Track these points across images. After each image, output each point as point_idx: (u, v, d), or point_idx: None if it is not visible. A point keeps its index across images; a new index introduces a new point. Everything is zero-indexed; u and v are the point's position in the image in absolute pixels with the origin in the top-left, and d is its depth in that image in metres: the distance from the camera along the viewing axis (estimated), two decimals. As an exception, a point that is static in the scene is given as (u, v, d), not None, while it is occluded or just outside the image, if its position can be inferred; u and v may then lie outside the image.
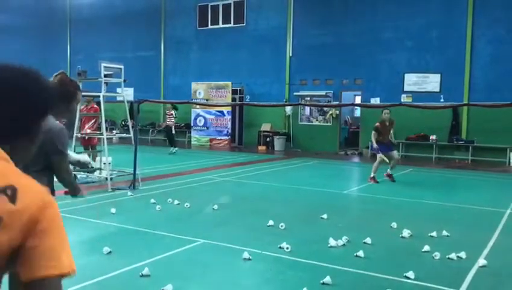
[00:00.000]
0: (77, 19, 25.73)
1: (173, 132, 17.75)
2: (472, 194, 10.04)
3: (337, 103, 18.23)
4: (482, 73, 16.29)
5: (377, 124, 11.00)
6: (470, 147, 16.22)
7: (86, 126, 10.89)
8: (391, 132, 11.21)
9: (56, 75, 3.27)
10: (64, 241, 1.26)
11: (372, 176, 11.08)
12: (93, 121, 11.11)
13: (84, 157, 3.94)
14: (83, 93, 10.04)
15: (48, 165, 3.16)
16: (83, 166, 3.87)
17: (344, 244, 5.73)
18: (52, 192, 3.21)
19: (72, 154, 3.80)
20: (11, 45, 28.12)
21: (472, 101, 15.46)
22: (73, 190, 3.33)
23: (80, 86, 10.59)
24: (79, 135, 10.20)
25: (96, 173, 10.23)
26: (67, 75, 3.31)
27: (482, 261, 5.15)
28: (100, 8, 24.52)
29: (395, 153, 11.27)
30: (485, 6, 16.09)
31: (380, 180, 11.11)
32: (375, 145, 10.95)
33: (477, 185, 11.66)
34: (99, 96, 9.69)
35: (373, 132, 10.93)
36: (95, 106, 11.20)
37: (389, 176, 11.24)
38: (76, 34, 25.93)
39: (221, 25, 21.44)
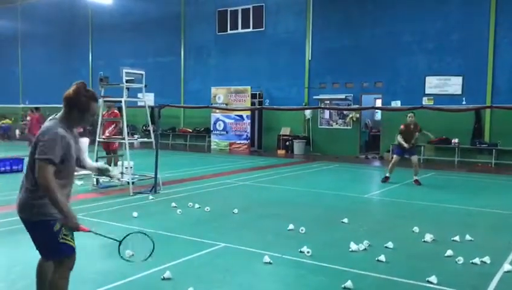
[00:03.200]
0: (98, 26, 26.15)
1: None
2: (496, 198, 9.86)
3: (357, 106, 18.14)
4: (505, 75, 16.00)
5: (402, 126, 11.24)
6: (494, 150, 15.93)
7: (106, 131, 11.08)
8: (415, 135, 11.26)
9: (76, 84, 3.34)
10: None
11: (386, 175, 11.40)
12: (113, 126, 11.30)
13: (103, 165, 3.95)
14: (105, 99, 10.28)
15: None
16: (102, 173, 3.87)
17: (365, 249, 5.69)
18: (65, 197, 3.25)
19: (90, 162, 3.83)
20: (35, 52, 28.75)
21: (495, 103, 15.21)
22: (54, 204, 3.09)
23: (102, 91, 10.69)
24: (101, 139, 10.39)
25: (118, 177, 10.36)
26: (85, 85, 3.35)
27: (507, 267, 5.05)
28: (121, 15, 24.87)
29: (413, 158, 11.21)
30: (507, 8, 15.81)
31: (402, 184, 11.11)
32: (405, 144, 11.08)
33: (501, 189, 11.44)
34: (121, 101, 9.84)
35: (398, 136, 11.18)
36: (116, 111, 11.42)
37: (416, 181, 11.22)
38: (98, 40, 26.35)
39: (240, 30, 21.55)
